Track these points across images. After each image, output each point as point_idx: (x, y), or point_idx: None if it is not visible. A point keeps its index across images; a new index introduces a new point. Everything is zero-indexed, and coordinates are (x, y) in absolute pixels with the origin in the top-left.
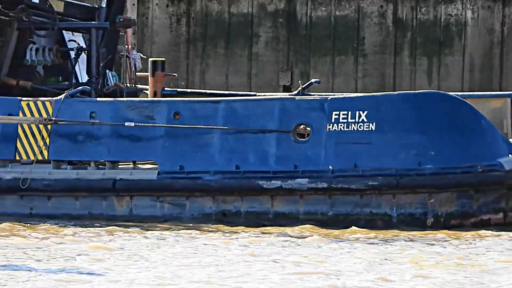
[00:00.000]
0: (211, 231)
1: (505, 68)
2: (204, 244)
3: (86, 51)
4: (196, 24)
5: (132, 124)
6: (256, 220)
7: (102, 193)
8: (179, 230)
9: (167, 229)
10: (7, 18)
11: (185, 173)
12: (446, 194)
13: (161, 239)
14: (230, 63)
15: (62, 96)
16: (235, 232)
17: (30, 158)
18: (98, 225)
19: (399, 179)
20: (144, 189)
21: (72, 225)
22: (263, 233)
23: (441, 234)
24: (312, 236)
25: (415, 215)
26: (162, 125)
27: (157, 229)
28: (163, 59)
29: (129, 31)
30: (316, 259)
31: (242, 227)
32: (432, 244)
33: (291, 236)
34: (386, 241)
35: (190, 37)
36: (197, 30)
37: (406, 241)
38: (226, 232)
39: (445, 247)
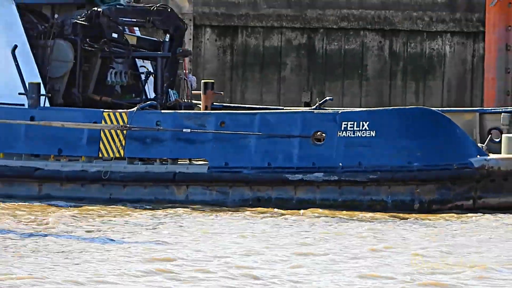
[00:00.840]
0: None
1: (474, 90)
2: (246, 220)
3: (153, 75)
4: (237, 54)
5: (189, 130)
6: (282, 205)
7: (165, 183)
8: (225, 211)
9: (215, 211)
10: (93, 49)
11: (229, 168)
12: (429, 185)
13: (213, 218)
14: (264, 85)
15: (135, 108)
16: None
17: (110, 156)
18: (161, 207)
19: (393, 174)
20: (197, 180)
21: (140, 207)
22: (289, 214)
23: (424, 216)
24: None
25: (405, 201)
26: (212, 131)
27: (207, 211)
28: (213, 81)
29: (187, 59)
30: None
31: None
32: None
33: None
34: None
35: (233, 64)
36: (238, 59)
37: (397, 221)
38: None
39: (430, 227)
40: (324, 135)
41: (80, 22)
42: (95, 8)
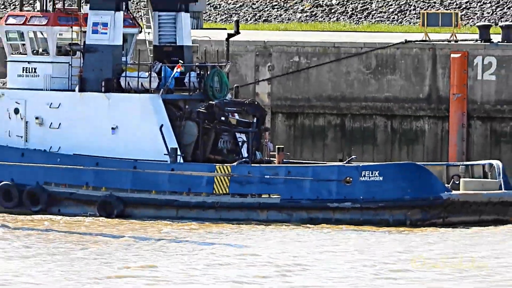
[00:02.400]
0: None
1: (443, 152)
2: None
3: (246, 142)
4: (298, 130)
5: (268, 176)
6: (325, 222)
7: (254, 208)
8: (291, 227)
9: (285, 227)
10: (209, 127)
11: (293, 199)
12: (416, 210)
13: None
14: (314, 150)
15: (235, 163)
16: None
17: (220, 192)
18: (252, 224)
19: (394, 203)
20: (273, 207)
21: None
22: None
23: (415, 230)
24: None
25: (401, 220)
26: (282, 177)
27: (281, 227)
28: (283, 146)
29: (267, 133)
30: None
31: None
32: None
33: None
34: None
35: (295, 136)
36: (298, 133)
37: (398, 233)
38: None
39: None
40: (351, 179)
41: (201, 110)
42: (211, 102)
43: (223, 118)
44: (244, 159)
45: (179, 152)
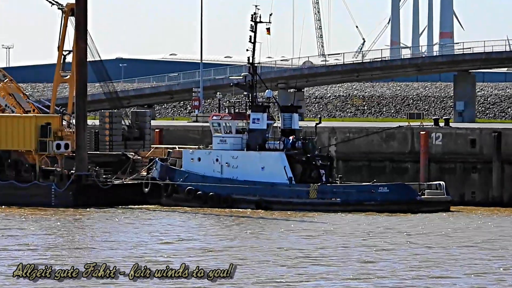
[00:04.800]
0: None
1: (417, 179)
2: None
3: (324, 174)
4: (349, 168)
5: (335, 190)
6: (362, 212)
7: (328, 205)
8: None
9: (342, 214)
10: (305, 166)
11: (347, 200)
12: (403, 205)
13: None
14: (356, 177)
15: (319, 183)
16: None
17: (312, 197)
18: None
19: (393, 201)
20: (337, 204)
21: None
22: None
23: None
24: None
25: (396, 210)
26: (342, 190)
27: (339, 214)
28: (341, 175)
29: (334, 169)
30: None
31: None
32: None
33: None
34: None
35: (347, 171)
36: (349, 169)
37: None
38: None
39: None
40: (374, 191)
41: (303, 159)
42: (308, 155)
43: (314, 163)
44: (323, 182)
45: (293, 178)
